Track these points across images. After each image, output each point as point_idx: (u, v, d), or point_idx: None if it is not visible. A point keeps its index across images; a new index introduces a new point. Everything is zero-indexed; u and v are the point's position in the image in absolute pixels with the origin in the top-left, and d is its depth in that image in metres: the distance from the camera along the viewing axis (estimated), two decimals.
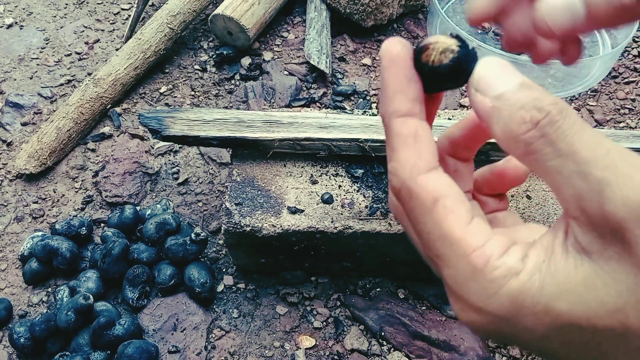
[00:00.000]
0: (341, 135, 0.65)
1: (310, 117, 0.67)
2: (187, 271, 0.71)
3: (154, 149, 0.89)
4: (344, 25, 1.05)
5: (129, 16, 1.12)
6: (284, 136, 0.65)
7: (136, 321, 0.68)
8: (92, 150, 0.89)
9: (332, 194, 0.65)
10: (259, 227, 0.63)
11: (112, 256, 0.70)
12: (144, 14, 1.11)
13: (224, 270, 0.75)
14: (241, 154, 0.69)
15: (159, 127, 0.66)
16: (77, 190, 0.85)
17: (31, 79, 1.01)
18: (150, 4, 1.13)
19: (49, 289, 0.74)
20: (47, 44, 1.07)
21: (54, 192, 0.84)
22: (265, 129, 0.66)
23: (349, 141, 0.65)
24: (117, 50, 1.05)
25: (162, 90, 0.98)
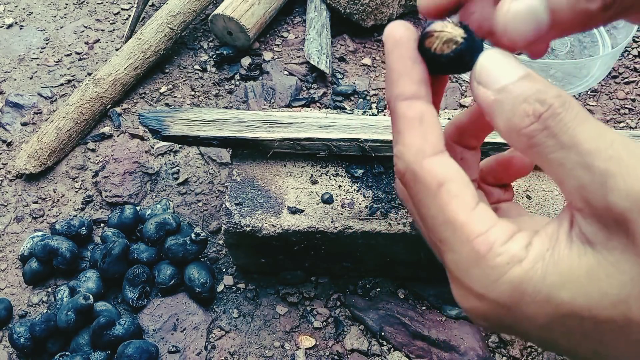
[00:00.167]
0: (341, 135, 0.65)
1: (310, 117, 0.67)
2: (187, 271, 0.71)
3: (154, 149, 0.89)
4: (344, 25, 1.05)
5: (129, 16, 1.12)
6: (284, 136, 0.65)
7: (136, 321, 0.68)
8: (92, 150, 0.89)
9: (332, 194, 0.65)
10: (259, 227, 0.63)
11: (112, 256, 0.70)
12: (144, 14, 1.11)
13: (224, 270, 0.75)
14: (241, 154, 0.69)
15: (159, 127, 0.66)
16: (77, 190, 0.85)
17: (31, 79, 1.01)
18: (150, 4, 1.13)
19: (49, 289, 0.74)
20: (47, 44, 1.07)
21: (54, 192, 0.84)
22: (265, 129, 0.66)
23: (349, 141, 0.65)
24: (117, 50, 1.05)
25: (162, 90, 0.98)
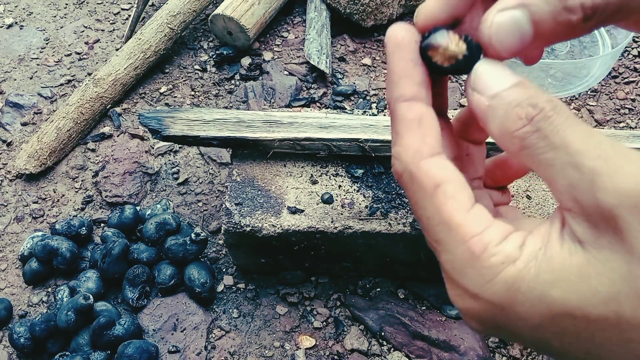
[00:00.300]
0: (341, 135, 0.65)
1: (310, 117, 0.67)
2: (187, 271, 0.71)
3: (154, 149, 0.89)
4: (344, 25, 1.05)
5: (129, 16, 1.12)
6: (284, 136, 0.65)
7: (136, 321, 0.68)
8: (92, 150, 0.89)
9: (332, 194, 0.65)
10: (259, 227, 0.63)
11: (112, 256, 0.70)
12: (144, 14, 1.11)
13: (224, 270, 0.75)
14: (241, 154, 0.69)
15: (159, 127, 0.66)
16: (77, 190, 0.85)
17: (31, 79, 1.01)
18: (150, 4, 1.13)
19: (49, 289, 0.74)
20: (47, 44, 1.07)
21: (54, 192, 0.84)
22: (265, 129, 0.66)
23: (349, 141, 0.65)
24: (117, 50, 1.05)
25: (162, 90, 0.98)
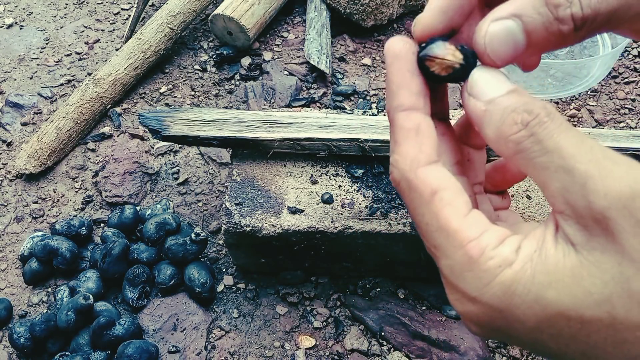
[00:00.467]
0: (341, 135, 0.65)
1: (310, 117, 0.67)
2: (187, 271, 0.71)
3: (154, 149, 0.89)
4: (344, 25, 1.05)
5: (129, 16, 1.12)
6: (284, 136, 0.65)
7: (136, 321, 0.68)
8: (92, 150, 0.89)
9: (332, 194, 0.65)
10: (259, 227, 0.63)
11: (112, 256, 0.70)
12: (144, 14, 1.11)
13: (224, 270, 0.75)
14: (241, 154, 0.69)
15: (159, 127, 0.66)
16: (77, 190, 0.85)
17: (31, 79, 1.01)
18: (150, 4, 1.13)
19: (49, 289, 0.74)
20: (47, 44, 1.07)
21: (54, 192, 0.84)
22: (265, 129, 0.66)
23: (349, 141, 0.65)
24: (117, 50, 1.05)
25: (162, 90, 0.98)
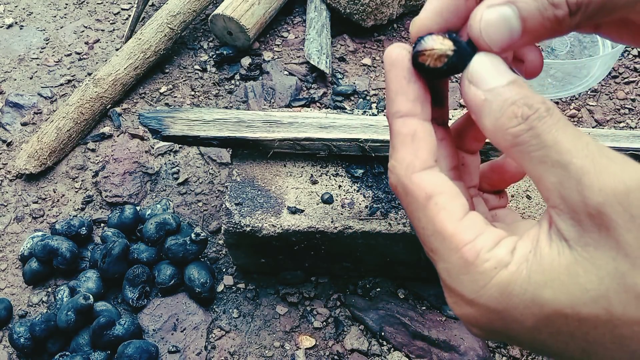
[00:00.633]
0: (341, 135, 0.65)
1: (310, 117, 0.67)
2: (187, 271, 0.71)
3: (154, 149, 0.89)
4: (344, 25, 1.05)
5: (129, 16, 1.12)
6: (284, 136, 0.65)
7: (136, 321, 0.68)
8: (92, 150, 0.89)
9: (332, 194, 0.65)
10: (259, 227, 0.63)
11: (112, 256, 0.70)
12: (144, 14, 1.11)
13: (224, 270, 0.75)
14: (241, 154, 0.69)
15: (159, 127, 0.66)
16: (77, 190, 0.85)
17: (31, 79, 1.01)
18: (150, 4, 1.13)
19: (49, 289, 0.74)
20: (47, 44, 1.07)
21: (54, 192, 0.84)
22: (265, 129, 0.66)
23: (349, 141, 0.65)
24: (117, 50, 1.05)
25: (162, 90, 0.98)
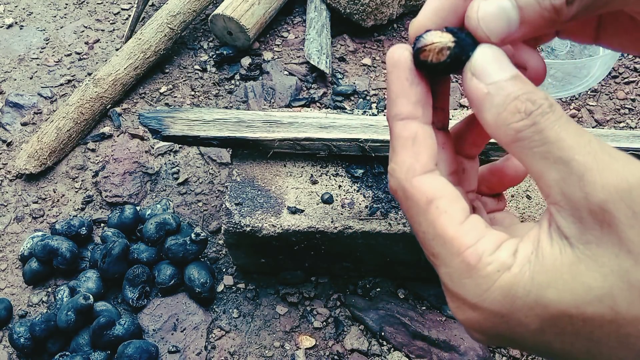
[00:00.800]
0: (341, 135, 0.65)
1: (310, 117, 0.67)
2: (187, 271, 0.71)
3: (154, 149, 0.89)
4: (344, 25, 1.05)
5: (129, 16, 1.12)
6: (284, 136, 0.65)
7: (136, 321, 0.68)
8: (92, 150, 0.89)
9: (332, 194, 0.65)
10: (259, 227, 0.63)
11: (112, 256, 0.70)
12: (144, 14, 1.11)
13: (224, 270, 0.75)
14: (241, 154, 0.69)
15: (159, 127, 0.66)
16: (77, 190, 0.85)
17: (31, 79, 1.01)
18: (150, 4, 1.13)
19: (49, 289, 0.74)
20: (47, 44, 1.07)
21: (54, 192, 0.84)
22: (265, 129, 0.66)
23: (349, 141, 0.65)
24: (117, 50, 1.05)
25: (162, 90, 0.98)
